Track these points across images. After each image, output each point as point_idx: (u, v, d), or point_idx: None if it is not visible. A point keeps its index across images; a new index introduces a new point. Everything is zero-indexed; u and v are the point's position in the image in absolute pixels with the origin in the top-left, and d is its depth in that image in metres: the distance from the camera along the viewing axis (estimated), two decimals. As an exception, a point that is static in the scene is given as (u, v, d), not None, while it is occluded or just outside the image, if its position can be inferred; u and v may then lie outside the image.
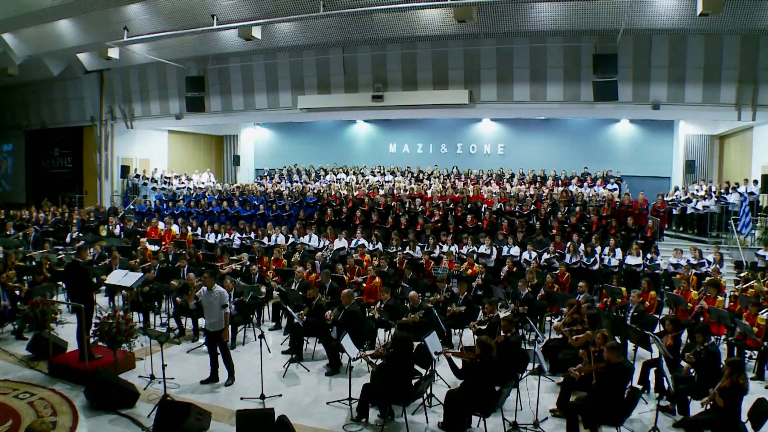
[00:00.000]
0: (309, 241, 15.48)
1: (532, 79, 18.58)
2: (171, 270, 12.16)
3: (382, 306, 9.76)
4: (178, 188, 23.19)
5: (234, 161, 27.94)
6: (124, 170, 25.30)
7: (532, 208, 16.34)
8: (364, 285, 11.56)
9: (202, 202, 19.64)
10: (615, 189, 19.07)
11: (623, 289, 10.76)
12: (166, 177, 24.98)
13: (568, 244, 13.93)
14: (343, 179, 22.58)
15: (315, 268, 12.42)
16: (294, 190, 19.68)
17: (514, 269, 12.96)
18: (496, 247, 14.19)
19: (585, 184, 19.87)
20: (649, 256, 13.43)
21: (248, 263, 12.66)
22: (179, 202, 20.60)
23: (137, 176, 24.98)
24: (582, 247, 13.76)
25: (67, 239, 17.05)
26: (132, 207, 21.69)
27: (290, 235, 16.11)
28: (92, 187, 26.32)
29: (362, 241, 14.98)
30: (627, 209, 16.43)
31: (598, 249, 13.71)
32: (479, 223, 15.71)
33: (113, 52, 20.33)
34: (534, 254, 13.61)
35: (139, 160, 26.75)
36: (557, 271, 12.14)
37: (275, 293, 11.73)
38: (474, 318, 9.58)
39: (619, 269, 13.15)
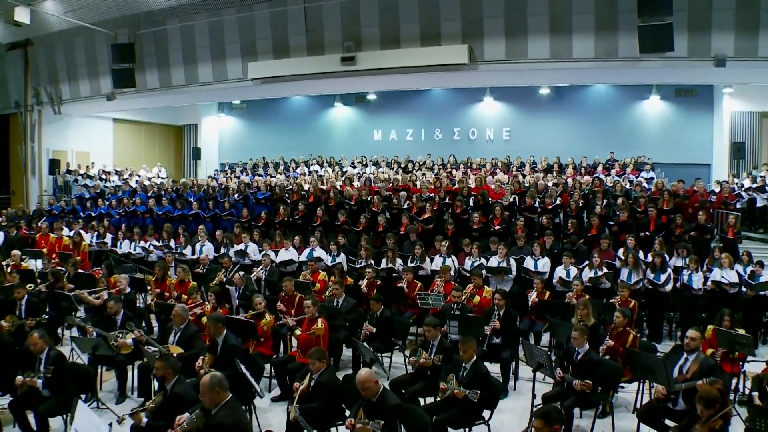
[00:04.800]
0: (247, 250, 10.91)
1: (553, 29, 13.79)
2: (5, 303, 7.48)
3: (312, 385, 4.90)
4: (116, 186, 18.95)
5: (194, 155, 23.84)
6: (53, 165, 20.99)
7: (557, 202, 11.85)
8: (298, 331, 6.70)
9: (125, 201, 15.15)
10: (652, 179, 15.27)
11: (744, 332, 6.20)
12: (104, 172, 20.92)
13: (620, 251, 9.42)
14: (317, 172, 18.90)
15: (230, 297, 7.67)
16: (249, 184, 15.37)
17: (546, 296, 8.18)
18: (513, 258, 9.58)
19: (613, 172, 16.05)
20: (742, 269, 8.90)
21: (128, 291, 7.98)
22: (101, 201, 16.28)
23: (69, 172, 20.84)
24: (641, 256, 9.25)
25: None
26: (49, 208, 17.31)
27: (224, 243, 11.58)
28: (20, 186, 21.89)
29: (319, 251, 10.41)
30: (683, 201, 12.05)
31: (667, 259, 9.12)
32: (487, 222, 11.15)
33: (21, 14, 15.95)
34: (574, 270, 8.90)
35: (76, 153, 22.40)
36: (616, 299, 7.59)
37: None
38: (492, 404, 5.05)
39: (705, 292, 8.55)
